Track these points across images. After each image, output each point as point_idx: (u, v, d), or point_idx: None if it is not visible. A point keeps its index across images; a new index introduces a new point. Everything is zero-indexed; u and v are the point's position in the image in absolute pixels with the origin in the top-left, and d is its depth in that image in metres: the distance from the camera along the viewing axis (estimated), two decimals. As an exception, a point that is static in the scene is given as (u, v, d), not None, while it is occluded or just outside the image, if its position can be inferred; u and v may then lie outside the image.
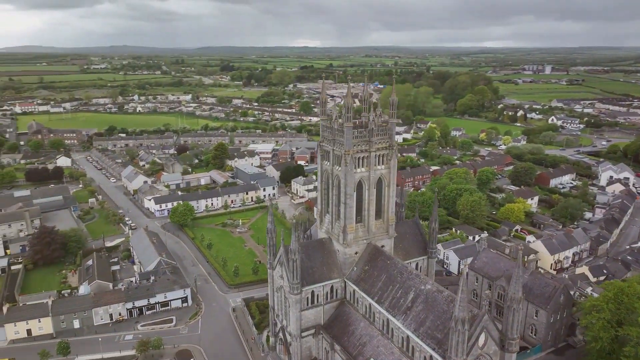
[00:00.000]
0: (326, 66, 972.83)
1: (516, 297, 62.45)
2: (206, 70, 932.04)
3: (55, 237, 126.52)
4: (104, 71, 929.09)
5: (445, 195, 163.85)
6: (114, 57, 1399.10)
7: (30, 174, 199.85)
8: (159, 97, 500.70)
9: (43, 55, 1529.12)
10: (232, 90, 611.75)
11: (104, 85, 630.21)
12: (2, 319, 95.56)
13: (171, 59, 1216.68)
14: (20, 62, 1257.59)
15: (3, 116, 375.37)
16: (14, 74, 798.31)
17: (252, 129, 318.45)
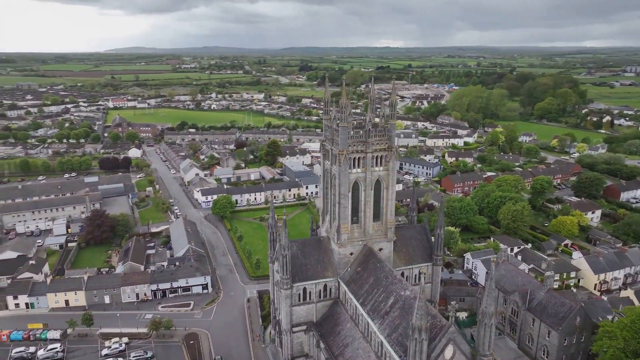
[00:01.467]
0: (404, 67, 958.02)
1: (487, 311, 58.84)
2: (285, 70, 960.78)
3: (105, 220, 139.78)
4: (192, 70, 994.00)
5: (489, 203, 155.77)
6: (203, 57, 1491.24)
7: (103, 163, 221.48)
8: (235, 95, 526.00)
9: (144, 56, 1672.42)
10: (306, 89, 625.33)
11: (189, 84, 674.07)
12: (46, 288, 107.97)
13: (254, 59, 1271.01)
14: (125, 62, 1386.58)
15: (97, 110, 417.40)
16: (116, 73, 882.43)
17: (313, 127, 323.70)
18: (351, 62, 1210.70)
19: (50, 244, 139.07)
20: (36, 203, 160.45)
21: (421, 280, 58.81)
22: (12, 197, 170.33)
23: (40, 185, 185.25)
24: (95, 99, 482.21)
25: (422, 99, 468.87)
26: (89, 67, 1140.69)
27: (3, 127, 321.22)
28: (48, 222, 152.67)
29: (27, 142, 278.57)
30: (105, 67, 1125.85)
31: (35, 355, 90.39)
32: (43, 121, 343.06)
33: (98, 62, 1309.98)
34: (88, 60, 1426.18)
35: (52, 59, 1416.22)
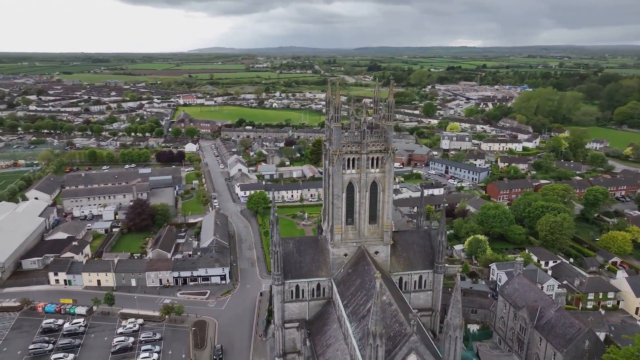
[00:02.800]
0: (477, 67, 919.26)
1: (452, 323, 56.17)
2: (354, 70, 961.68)
3: (145, 209, 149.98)
4: (264, 70, 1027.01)
5: (530, 212, 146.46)
6: (276, 57, 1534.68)
7: (160, 156, 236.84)
8: (298, 94, 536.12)
9: (222, 56, 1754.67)
10: (370, 90, 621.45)
11: (258, 83, 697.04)
12: (81, 268, 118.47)
13: (325, 59, 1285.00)
14: (203, 61, 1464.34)
15: (167, 106, 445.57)
16: (193, 72, 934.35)
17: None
18: (422, 62, 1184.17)
19: (97, 228, 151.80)
20: (91, 190, 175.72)
21: (377, 282, 57.33)
22: (76, 184, 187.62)
23: (100, 174, 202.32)
24: (168, 95, 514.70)
25: (487, 101, 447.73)
26: (171, 66, 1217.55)
27: (84, 120, 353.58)
28: (100, 208, 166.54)
29: (100, 134, 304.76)
30: (185, 66, 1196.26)
31: (62, 327, 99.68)
32: (119, 116, 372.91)
33: (180, 62, 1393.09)
34: (171, 59, 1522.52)
35: (140, 59, 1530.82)
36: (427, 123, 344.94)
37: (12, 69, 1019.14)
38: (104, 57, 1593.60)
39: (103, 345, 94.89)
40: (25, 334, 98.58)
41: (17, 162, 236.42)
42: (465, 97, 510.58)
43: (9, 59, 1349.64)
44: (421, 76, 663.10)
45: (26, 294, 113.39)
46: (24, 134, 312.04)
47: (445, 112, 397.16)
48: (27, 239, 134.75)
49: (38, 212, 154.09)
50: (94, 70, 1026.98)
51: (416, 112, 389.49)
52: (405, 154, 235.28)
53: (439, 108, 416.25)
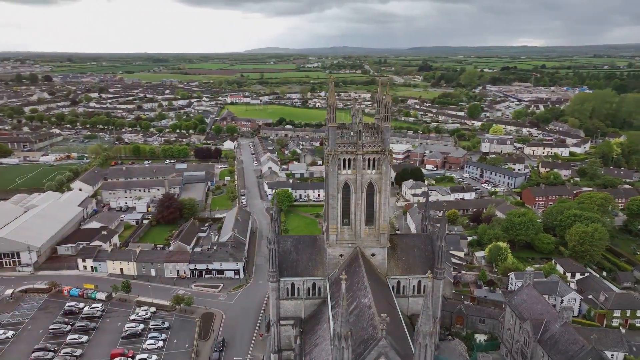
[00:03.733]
0: (534, 67, 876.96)
1: (422, 330, 54.63)
2: (404, 70, 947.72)
3: (173, 202, 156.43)
4: (314, 70, 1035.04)
5: (562, 221, 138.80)
6: (328, 57, 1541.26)
7: (197, 152, 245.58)
8: (343, 94, 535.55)
9: (275, 56, 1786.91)
10: (417, 90, 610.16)
11: (306, 82, 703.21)
12: (106, 256, 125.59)
13: (376, 59, 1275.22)
14: (257, 61, 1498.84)
15: (215, 104, 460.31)
16: (245, 71, 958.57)
17: (406, 128, 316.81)
18: (477, 62, 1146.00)
19: (129, 219, 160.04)
20: (128, 183, 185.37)
21: (342, 285, 56.72)
22: (117, 176, 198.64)
23: (139, 168, 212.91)
24: (217, 94, 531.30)
25: (539, 103, 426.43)
26: (226, 65, 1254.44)
27: (136, 117, 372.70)
28: (134, 201, 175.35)
29: (148, 130, 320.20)
30: (239, 65, 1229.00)
31: (82, 310, 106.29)
32: (168, 113, 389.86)
33: (234, 62, 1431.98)
34: (227, 59, 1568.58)
35: (197, 59, 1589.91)
36: (470, 125, 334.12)
37: (82, 68, 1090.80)
38: (164, 57, 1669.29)
39: (115, 330, 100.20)
40: (50, 314, 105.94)
41: (70, 155, 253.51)
42: (516, 99, 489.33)
43: (80, 59, 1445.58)
44: (472, 76, 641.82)
45: (57, 277, 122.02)
46: (81, 128, 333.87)
47: (492, 114, 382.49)
48: (64, 226, 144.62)
49: (78, 202, 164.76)
50: (154, 70, 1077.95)
51: (460, 114, 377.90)
52: (440, 156, 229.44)
53: (486, 110, 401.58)
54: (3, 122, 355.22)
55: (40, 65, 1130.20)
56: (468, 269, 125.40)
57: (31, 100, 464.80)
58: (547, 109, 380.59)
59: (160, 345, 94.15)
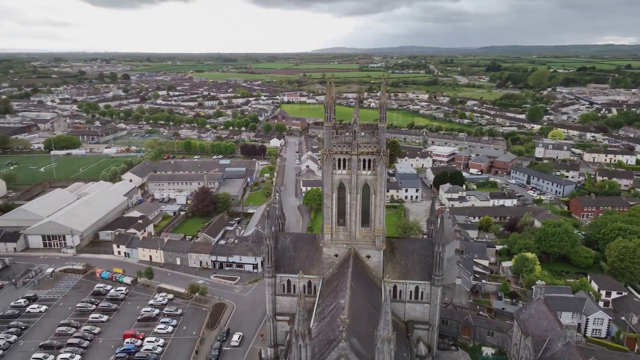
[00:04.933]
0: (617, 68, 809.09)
1: (381, 335, 53.53)
2: (470, 70, 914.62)
3: (207, 196, 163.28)
4: (377, 70, 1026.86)
5: (605, 234, 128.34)
6: (393, 57, 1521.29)
7: (243, 149, 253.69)
8: (400, 94, 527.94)
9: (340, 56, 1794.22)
10: (481, 91, 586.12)
11: (367, 82, 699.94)
12: (138, 243, 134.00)
13: (442, 59, 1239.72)
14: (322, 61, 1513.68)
15: (271, 103, 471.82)
16: (308, 71, 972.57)
17: (457, 130, 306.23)
18: (552, 62, 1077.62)
19: (168, 210, 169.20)
20: (172, 176, 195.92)
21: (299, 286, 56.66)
22: (165, 169, 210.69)
23: (186, 163, 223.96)
24: (276, 93, 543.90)
25: (613, 106, 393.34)
26: (291, 65, 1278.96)
27: (195, 114, 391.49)
28: (176, 193, 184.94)
29: (203, 127, 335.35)
30: (303, 65, 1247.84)
31: (108, 292, 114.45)
32: (225, 111, 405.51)
33: (300, 61, 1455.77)
34: (293, 59, 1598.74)
35: (264, 59, 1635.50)
36: (529, 128, 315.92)
37: (158, 67, 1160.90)
38: (234, 57, 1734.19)
39: (134, 312, 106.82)
40: (81, 293, 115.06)
41: (129, 148, 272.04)
42: (588, 102, 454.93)
43: (158, 59, 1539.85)
44: (541, 77, 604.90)
45: (94, 260, 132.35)
46: (144, 124, 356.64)
47: (555, 118, 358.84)
48: (107, 214, 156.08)
49: (124, 192, 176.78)
50: (222, 69, 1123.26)
51: (521, 117, 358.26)
52: (487, 160, 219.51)
53: (550, 112, 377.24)
54: (80, 117, 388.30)
55: (122, 64, 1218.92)
56: (491, 279, 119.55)
57: (107, 97, 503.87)
58: (621, 113, 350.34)
59: (170, 330, 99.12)
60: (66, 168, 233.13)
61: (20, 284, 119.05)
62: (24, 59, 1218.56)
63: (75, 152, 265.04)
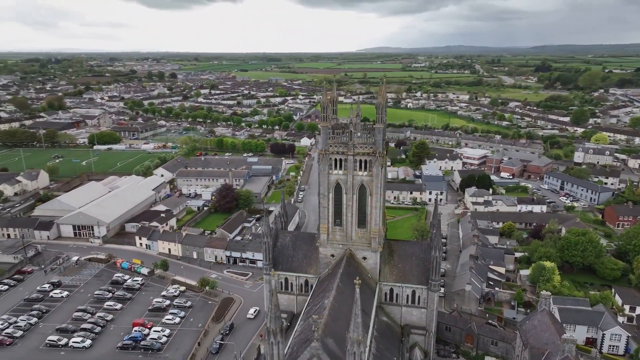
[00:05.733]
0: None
1: (351, 337, 52.97)
2: (518, 70, 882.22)
3: (230, 192, 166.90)
4: (420, 69, 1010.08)
5: (635, 246, 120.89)
6: (438, 56, 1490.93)
7: (272, 147, 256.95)
8: (440, 95, 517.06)
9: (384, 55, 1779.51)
10: (526, 92, 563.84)
11: (408, 82, 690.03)
12: (158, 236, 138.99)
13: (489, 59, 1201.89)
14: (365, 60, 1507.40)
15: (307, 102, 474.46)
16: (350, 71, 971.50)
17: (494, 132, 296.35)
18: (610, 62, 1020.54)
19: (192, 205, 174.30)
20: (200, 172, 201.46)
21: (271, 283, 56.99)
22: (195, 166, 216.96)
23: (216, 159, 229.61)
24: (314, 92, 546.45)
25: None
26: (333, 65, 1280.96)
27: (233, 112, 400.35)
28: (202, 189, 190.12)
29: (239, 125, 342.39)
30: (345, 65, 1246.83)
31: (125, 281, 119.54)
32: (262, 110, 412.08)
33: (343, 61, 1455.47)
34: (336, 59, 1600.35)
35: (308, 58, 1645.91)
36: (572, 132, 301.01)
37: (204, 66, 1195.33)
38: (278, 56, 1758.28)
39: (146, 302, 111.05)
40: (101, 282, 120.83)
41: (166, 145, 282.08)
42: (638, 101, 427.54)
43: (205, 58, 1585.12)
44: (592, 78, 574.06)
45: (118, 251, 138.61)
46: (183, 121, 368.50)
47: (603, 121, 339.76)
48: (134, 207, 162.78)
49: (153, 186, 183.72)
50: (265, 69, 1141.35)
51: (564, 119, 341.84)
52: (520, 164, 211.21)
53: (598, 115, 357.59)
54: (125, 114, 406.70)
55: (172, 63, 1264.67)
56: (507, 287, 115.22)
57: (152, 95, 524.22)
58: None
59: (177, 321, 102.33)
60: (105, 162, 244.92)
61: (48, 270, 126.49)
62: (82, 59, 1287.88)
63: (115, 147, 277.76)
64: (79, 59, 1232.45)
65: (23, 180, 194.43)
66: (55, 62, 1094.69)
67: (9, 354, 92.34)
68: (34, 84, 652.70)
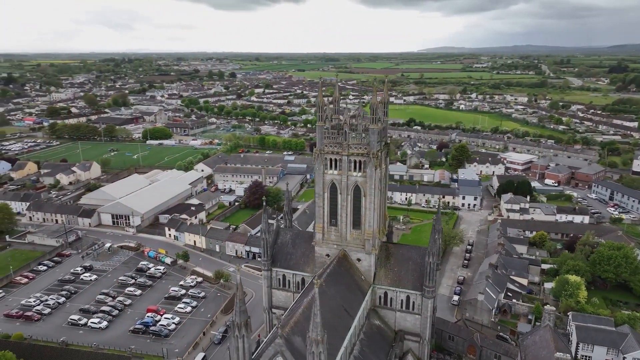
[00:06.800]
0: None
1: (311, 337, 52.85)
2: (589, 72, 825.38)
3: (259, 189, 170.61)
4: (481, 70, 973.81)
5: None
6: (502, 56, 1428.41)
7: (311, 146, 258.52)
8: (497, 97, 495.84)
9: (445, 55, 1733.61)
10: (595, 95, 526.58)
11: (466, 83, 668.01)
12: (185, 228, 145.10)
13: (557, 59, 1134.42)
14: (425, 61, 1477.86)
15: (357, 102, 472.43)
16: (408, 71, 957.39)
17: (546, 137, 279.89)
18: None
19: (224, 200, 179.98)
20: (236, 169, 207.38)
21: (237, 279, 57.65)
22: (234, 162, 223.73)
23: (255, 157, 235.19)
24: (365, 93, 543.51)
25: None
26: (391, 65, 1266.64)
27: (281, 111, 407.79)
28: (237, 185, 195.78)
29: (285, 124, 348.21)
30: (403, 65, 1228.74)
31: (149, 269, 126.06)
32: (310, 109, 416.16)
33: (401, 61, 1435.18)
34: (394, 59, 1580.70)
35: (366, 58, 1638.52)
36: (636, 138, 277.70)
37: (263, 66, 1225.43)
38: (337, 56, 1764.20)
39: (164, 290, 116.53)
40: (127, 268, 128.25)
41: (212, 141, 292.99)
42: None
43: (265, 58, 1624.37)
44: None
45: (148, 240, 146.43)
46: (232, 119, 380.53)
47: None
48: (170, 199, 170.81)
49: (191, 180, 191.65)
50: (322, 68, 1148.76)
51: (631, 125, 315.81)
52: (567, 171, 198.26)
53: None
54: (181, 111, 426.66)
55: (233, 63, 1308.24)
56: (527, 300, 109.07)
57: (208, 93, 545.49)
58: None
59: (188, 310, 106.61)
60: (155, 156, 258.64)
61: (84, 254, 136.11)
62: (152, 58, 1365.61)
63: (166, 143, 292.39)
64: (149, 59, 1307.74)
65: (77, 171, 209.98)
66: (127, 62, 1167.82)
67: (35, 328, 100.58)
68: (106, 82, 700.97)
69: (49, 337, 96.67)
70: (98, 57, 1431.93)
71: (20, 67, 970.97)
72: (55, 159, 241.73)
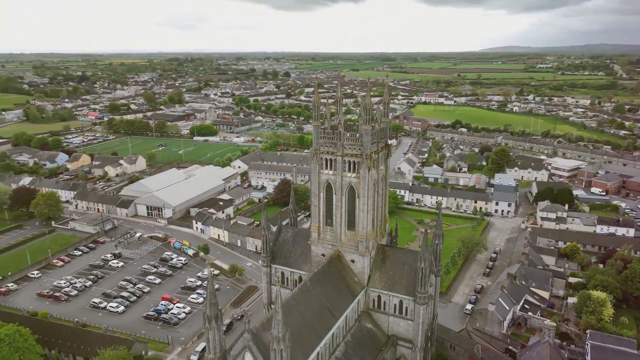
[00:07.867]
0: None
1: (274, 335, 53.26)
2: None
3: (286, 187, 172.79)
4: (545, 71, 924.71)
5: None
6: (570, 56, 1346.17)
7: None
8: (557, 99, 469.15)
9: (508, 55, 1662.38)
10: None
11: (526, 84, 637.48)
12: (210, 222, 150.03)
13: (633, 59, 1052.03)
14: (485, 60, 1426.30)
15: (406, 103, 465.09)
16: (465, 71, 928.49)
17: (603, 143, 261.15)
18: None
19: (254, 196, 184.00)
20: (269, 166, 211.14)
21: (208, 273, 58.76)
22: (270, 160, 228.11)
23: (290, 155, 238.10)
24: (415, 93, 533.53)
25: None
26: (448, 65, 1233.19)
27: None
28: (270, 182, 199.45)
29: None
30: (461, 65, 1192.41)
31: (172, 259, 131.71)
32: (355, 109, 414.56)
33: (459, 61, 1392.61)
34: (453, 59, 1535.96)
35: (423, 58, 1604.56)
36: None
37: (318, 66, 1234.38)
38: (394, 56, 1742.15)
39: (182, 280, 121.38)
40: (153, 257, 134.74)
41: (254, 139, 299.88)
42: None
43: (321, 58, 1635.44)
44: None
45: (177, 232, 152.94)
46: (278, 117, 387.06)
47: None
48: (202, 194, 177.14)
49: (225, 176, 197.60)
50: (377, 68, 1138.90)
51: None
52: (617, 179, 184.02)
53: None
54: (230, 109, 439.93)
55: (290, 63, 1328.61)
56: (547, 314, 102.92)
57: (259, 92, 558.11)
58: None
59: (200, 301, 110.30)
60: (199, 152, 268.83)
61: (117, 242, 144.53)
62: (213, 58, 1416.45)
63: (211, 139, 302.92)
64: (210, 58, 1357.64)
65: (124, 164, 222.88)
66: (190, 61, 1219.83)
67: (61, 308, 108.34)
68: (167, 80, 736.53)
69: (70, 317, 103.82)
70: (164, 57, 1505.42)
71: (95, 66, 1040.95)
72: (108, 152, 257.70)
